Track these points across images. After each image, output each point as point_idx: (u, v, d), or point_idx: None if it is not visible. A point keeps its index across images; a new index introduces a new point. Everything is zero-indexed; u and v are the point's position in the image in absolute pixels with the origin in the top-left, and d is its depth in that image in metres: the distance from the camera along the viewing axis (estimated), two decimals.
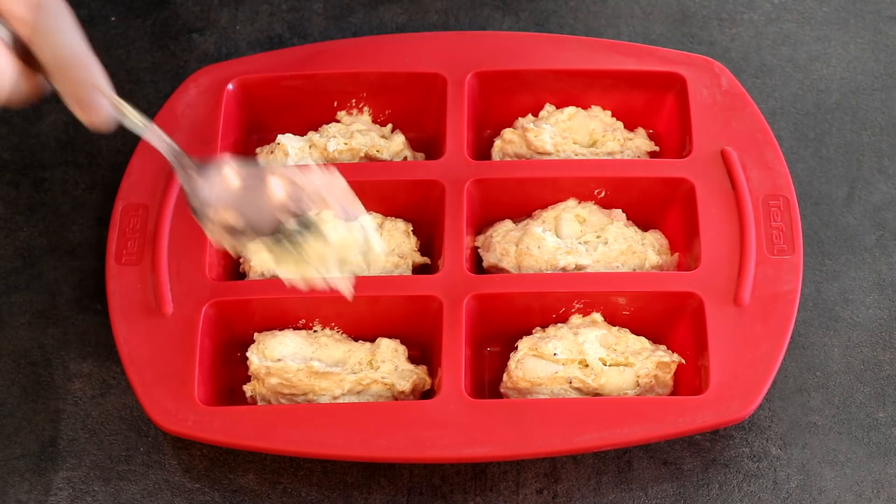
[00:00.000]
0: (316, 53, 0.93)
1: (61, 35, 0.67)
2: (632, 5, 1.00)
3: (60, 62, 0.67)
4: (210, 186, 0.73)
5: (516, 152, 0.90)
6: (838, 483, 0.80)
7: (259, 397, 0.82)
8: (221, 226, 0.73)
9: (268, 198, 0.73)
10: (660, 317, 0.83)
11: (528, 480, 0.80)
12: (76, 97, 0.68)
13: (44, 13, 0.66)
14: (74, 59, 0.67)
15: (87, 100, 0.68)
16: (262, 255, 0.73)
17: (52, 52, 0.67)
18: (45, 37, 0.66)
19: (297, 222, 0.73)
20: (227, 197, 0.73)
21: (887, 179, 0.91)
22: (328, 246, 0.73)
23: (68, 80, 0.68)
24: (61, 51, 0.67)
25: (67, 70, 0.67)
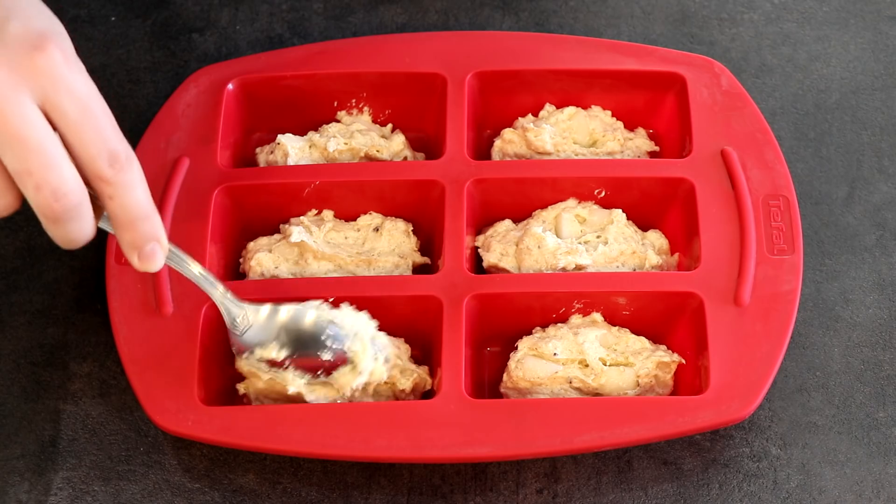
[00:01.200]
0: (316, 53, 0.93)
1: (136, 193, 0.70)
2: (632, 5, 1.00)
3: (131, 217, 0.70)
4: (258, 324, 0.79)
5: (516, 152, 0.90)
6: (838, 483, 0.80)
7: (252, 396, 0.81)
8: (264, 360, 0.79)
9: (310, 334, 0.79)
10: (660, 317, 0.83)
11: (528, 480, 0.80)
12: (138, 248, 0.72)
13: (123, 170, 0.69)
14: (144, 214, 0.71)
15: (148, 252, 0.72)
16: (297, 386, 0.79)
17: (125, 210, 0.70)
18: (123, 194, 0.69)
19: (332, 354, 0.79)
20: (272, 334, 0.79)
21: (887, 179, 0.91)
22: (359, 376, 0.79)
23: (136, 233, 0.71)
24: (134, 208, 0.70)
25: (136, 223, 0.71)
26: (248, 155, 0.92)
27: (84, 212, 0.68)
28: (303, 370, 0.79)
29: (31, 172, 0.67)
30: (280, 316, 0.79)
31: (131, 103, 0.96)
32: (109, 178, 0.69)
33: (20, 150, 0.66)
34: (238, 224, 0.88)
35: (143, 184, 0.71)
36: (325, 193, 0.88)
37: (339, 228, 0.87)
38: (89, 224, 0.69)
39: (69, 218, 0.68)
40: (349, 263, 0.85)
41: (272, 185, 0.87)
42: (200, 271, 0.78)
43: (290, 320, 0.79)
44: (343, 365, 0.79)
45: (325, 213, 0.88)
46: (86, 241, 0.70)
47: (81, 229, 0.69)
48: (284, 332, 0.79)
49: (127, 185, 0.69)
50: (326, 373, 0.79)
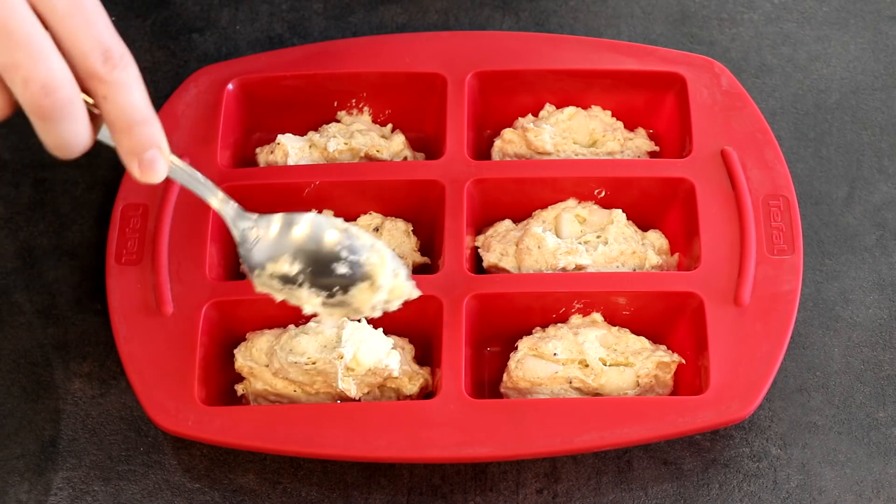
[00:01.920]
0: (316, 53, 0.93)
1: (133, 94, 0.66)
2: (632, 5, 1.00)
3: (128, 120, 0.67)
4: (268, 238, 0.74)
5: (516, 152, 0.90)
6: (838, 483, 0.80)
7: (251, 396, 0.81)
8: (276, 276, 0.74)
9: (324, 246, 0.74)
10: (660, 317, 0.83)
11: (528, 480, 0.80)
12: (138, 155, 0.68)
13: (118, 68, 0.66)
14: (142, 118, 0.67)
15: (148, 159, 0.68)
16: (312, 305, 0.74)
17: (121, 111, 0.66)
18: (118, 94, 0.66)
19: (349, 267, 0.74)
20: (284, 247, 0.74)
21: (887, 179, 0.91)
22: (378, 292, 0.74)
23: (134, 138, 0.67)
24: (131, 110, 0.67)
25: (134, 127, 0.67)
26: (248, 155, 0.92)
27: (77, 111, 0.65)
28: (318, 288, 0.74)
29: (18, 66, 0.63)
30: (293, 228, 0.74)
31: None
32: (103, 75, 0.65)
33: (6, 43, 0.63)
34: None
35: (140, 85, 0.67)
36: (325, 193, 0.88)
37: None
38: (84, 127, 0.66)
39: (60, 116, 0.65)
40: None
41: (272, 185, 0.87)
42: (205, 181, 0.73)
43: (303, 232, 0.74)
44: (361, 281, 0.74)
45: (325, 213, 0.88)
46: (82, 149, 0.67)
47: (75, 131, 0.66)
48: (297, 245, 0.74)
49: (122, 85, 0.66)
50: (343, 290, 0.74)
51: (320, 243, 0.74)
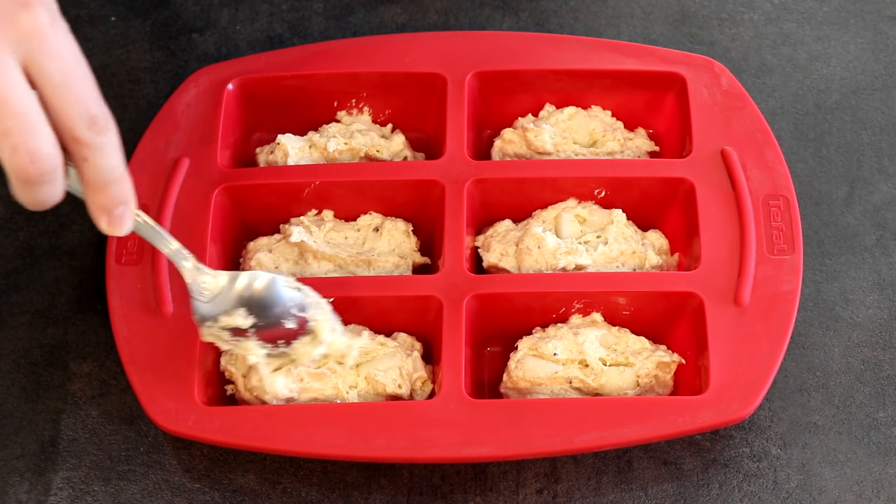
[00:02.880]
0: (316, 53, 0.93)
1: (111, 157, 0.69)
2: (632, 5, 1.00)
3: (104, 180, 0.70)
4: (226, 292, 0.79)
5: (516, 152, 0.90)
6: (838, 483, 0.80)
7: (239, 400, 0.81)
8: (228, 328, 0.79)
9: (278, 303, 0.79)
10: (660, 317, 0.83)
11: (528, 480, 0.80)
12: (107, 211, 0.71)
13: (101, 133, 0.68)
14: (116, 178, 0.70)
15: (117, 215, 0.71)
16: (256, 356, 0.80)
17: (99, 172, 0.69)
18: (98, 157, 0.69)
19: (296, 323, 0.79)
20: (240, 302, 0.79)
21: (887, 179, 0.91)
22: (318, 346, 0.80)
23: (107, 196, 0.71)
24: (108, 171, 0.69)
25: (108, 186, 0.70)
26: (248, 155, 0.92)
27: (57, 177, 0.68)
28: (264, 341, 0.79)
29: (9, 134, 0.66)
30: (253, 284, 0.79)
31: (131, 103, 0.96)
32: (87, 140, 0.68)
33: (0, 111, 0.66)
34: (238, 224, 0.88)
35: (117, 148, 0.70)
36: (325, 193, 0.88)
37: (339, 228, 0.87)
38: (60, 188, 0.69)
39: (42, 182, 0.67)
40: (349, 263, 0.85)
41: (272, 185, 0.87)
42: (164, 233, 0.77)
43: (260, 288, 0.79)
44: (304, 335, 0.79)
45: (325, 213, 0.88)
46: (51, 205, 0.70)
47: (52, 192, 0.69)
48: (253, 300, 0.79)
49: (102, 148, 0.69)
50: (287, 342, 0.79)
51: (275, 300, 0.79)
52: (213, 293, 0.79)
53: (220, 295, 0.79)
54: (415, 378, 0.81)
